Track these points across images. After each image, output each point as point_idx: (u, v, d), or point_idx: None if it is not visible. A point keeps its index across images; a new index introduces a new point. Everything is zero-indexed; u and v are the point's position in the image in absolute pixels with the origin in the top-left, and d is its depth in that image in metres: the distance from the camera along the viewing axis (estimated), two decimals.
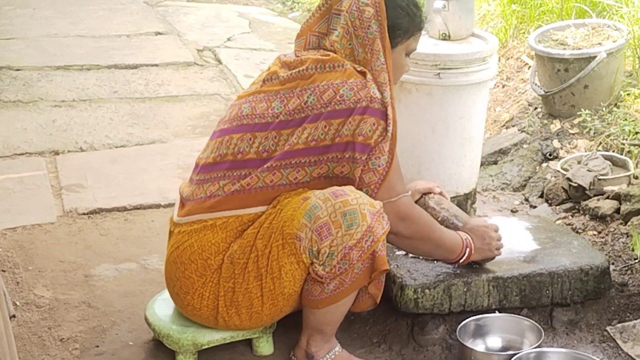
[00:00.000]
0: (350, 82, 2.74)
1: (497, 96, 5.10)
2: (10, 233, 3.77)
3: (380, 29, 2.79)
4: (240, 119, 2.83)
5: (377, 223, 2.70)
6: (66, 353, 3.01)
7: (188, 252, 2.79)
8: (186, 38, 6.59)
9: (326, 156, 2.74)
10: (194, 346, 2.89)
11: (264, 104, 2.80)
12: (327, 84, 2.75)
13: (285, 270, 2.73)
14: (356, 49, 2.80)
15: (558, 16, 5.26)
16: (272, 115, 2.77)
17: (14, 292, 3.32)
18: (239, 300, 2.78)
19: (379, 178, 2.76)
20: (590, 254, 3.11)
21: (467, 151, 3.64)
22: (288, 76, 2.81)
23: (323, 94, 2.74)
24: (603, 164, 3.93)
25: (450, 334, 3.00)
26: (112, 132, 4.83)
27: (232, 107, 2.91)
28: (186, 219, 2.82)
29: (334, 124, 2.73)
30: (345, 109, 2.72)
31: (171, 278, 2.86)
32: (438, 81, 3.49)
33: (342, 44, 2.82)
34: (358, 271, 2.72)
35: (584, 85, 4.49)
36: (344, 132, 2.72)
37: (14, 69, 5.75)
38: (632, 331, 3.02)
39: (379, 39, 2.79)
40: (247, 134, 2.79)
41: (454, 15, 3.60)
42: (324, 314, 2.79)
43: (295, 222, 2.69)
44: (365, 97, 2.73)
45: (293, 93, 2.77)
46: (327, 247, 2.68)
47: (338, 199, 2.68)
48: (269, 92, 2.82)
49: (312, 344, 2.85)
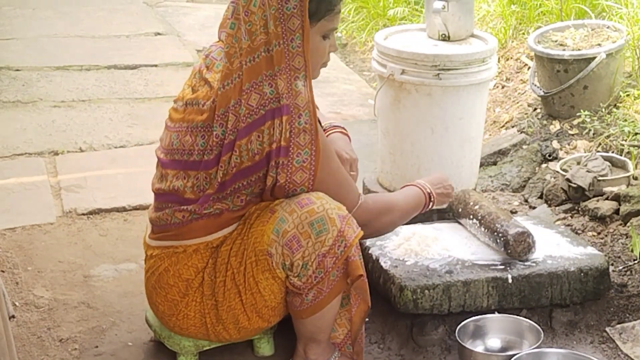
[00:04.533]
0: (242, 99, 2.62)
1: (496, 97, 5.10)
2: (10, 233, 3.77)
3: (301, 7, 2.60)
4: (172, 153, 2.76)
5: (347, 227, 2.67)
6: (65, 353, 3.01)
7: (165, 276, 2.77)
8: (186, 38, 6.59)
9: (255, 175, 2.66)
10: (195, 347, 2.89)
11: (189, 137, 2.72)
12: (226, 109, 2.65)
13: (262, 285, 2.71)
14: (244, 34, 2.62)
15: (557, 17, 5.25)
16: (197, 152, 2.69)
17: (13, 293, 3.32)
18: (223, 317, 2.76)
19: (310, 174, 2.67)
20: (590, 255, 3.11)
21: (466, 152, 3.64)
22: (203, 105, 2.70)
23: (227, 122, 2.65)
24: (602, 165, 3.93)
25: (450, 334, 3.00)
26: (111, 133, 4.83)
27: (165, 131, 2.83)
28: (157, 243, 2.80)
29: (242, 145, 2.63)
30: (244, 126, 2.62)
31: (154, 303, 2.85)
32: (437, 82, 3.49)
33: (237, 37, 2.66)
34: (334, 278, 2.70)
35: (584, 86, 4.48)
36: (258, 147, 2.63)
37: (14, 69, 5.74)
38: (632, 332, 3.02)
39: (297, 17, 2.60)
40: (181, 172, 2.73)
41: (453, 16, 3.60)
42: (311, 323, 2.77)
43: (265, 238, 2.66)
44: (259, 104, 2.61)
45: (210, 128, 2.67)
46: (300, 259, 2.65)
47: (304, 209, 2.64)
48: (191, 122, 2.72)
49: (310, 352, 2.85)
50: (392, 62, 3.54)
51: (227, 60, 2.68)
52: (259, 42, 2.63)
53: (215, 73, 2.72)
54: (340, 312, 2.86)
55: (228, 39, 2.69)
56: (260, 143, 2.63)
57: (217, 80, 2.70)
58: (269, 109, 2.62)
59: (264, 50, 2.63)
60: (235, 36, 2.68)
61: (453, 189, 3.12)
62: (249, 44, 2.64)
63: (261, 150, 2.63)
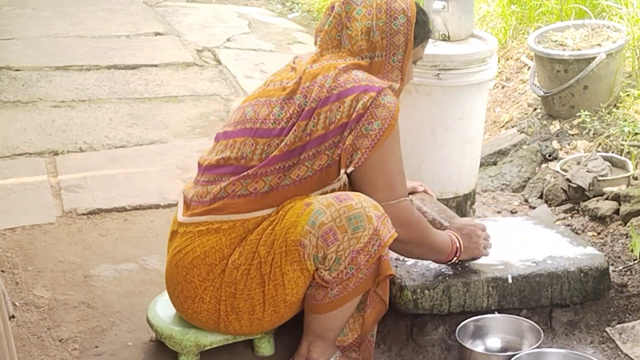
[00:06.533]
0: (330, 74, 2.73)
1: (496, 97, 5.10)
2: (10, 233, 3.77)
3: (408, 26, 2.80)
4: (244, 122, 2.83)
5: (382, 226, 2.68)
6: (65, 353, 3.01)
7: (190, 256, 2.78)
8: (186, 38, 6.59)
9: (324, 145, 2.72)
10: (197, 347, 2.89)
11: (265, 109, 2.81)
12: (312, 83, 2.75)
13: (288, 277, 2.71)
14: (344, 40, 2.79)
15: (557, 17, 5.26)
16: (273, 121, 2.77)
17: (13, 293, 3.32)
18: (240, 306, 2.76)
19: (370, 143, 2.71)
20: (590, 255, 3.11)
21: (466, 152, 3.64)
22: (287, 83, 2.81)
23: (311, 93, 2.74)
24: (602, 165, 3.93)
25: (450, 334, 3.00)
26: (111, 133, 4.83)
27: (237, 110, 2.92)
28: (192, 219, 2.80)
29: (322, 113, 2.72)
30: (328, 96, 2.72)
31: (172, 281, 2.85)
32: (437, 82, 3.49)
33: (331, 35, 2.83)
34: (363, 276, 2.71)
35: (584, 86, 4.49)
36: (336, 116, 2.71)
37: (14, 69, 5.74)
38: (632, 332, 3.02)
39: (402, 35, 2.79)
40: (249, 138, 2.78)
41: (453, 16, 3.60)
42: (327, 320, 2.77)
43: (299, 229, 2.67)
44: (346, 80, 2.72)
45: (291, 100, 2.77)
46: (334, 252, 2.66)
47: (342, 204, 2.67)
48: (271, 96, 2.82)
49: (314, 350, 2.84)
50: None
51: (318, 50, 2.85)
52: (359, 48, 2.80)
53: (302, 64, 2.85)
54: (355, 316, 2.86)
55: (323, 35, 2.85)
56: (340, 113, 2.71)
57: (304, 65, 2.83)
58: (357, 85, 2.72)
59: (366, 57, 2.81)
60: (329, 34, 2.84)
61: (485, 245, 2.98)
62: (349, 48, 2.81)
63: (337, 120, 2.71)
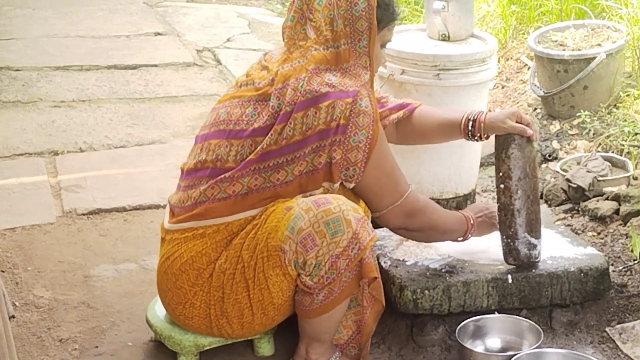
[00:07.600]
0: (302, 77, 2.72)
1: (496, 97, 5.10)
2: (10, 233, 3.77)
3: (369, 10, 2.75)
4: (218, 124, 2.83)
5: (362, 229, 2.67)
6: (65, 353, 3.01)
7: (178, 262, 2.78)
8: (186, 38, 6.59)
9: (302, 151, 2.71)
10: (196, 347, 2.89)
11: (238, 109, 2.80)
12: (284, 85, 2.74)
13: (272, 281, 2.72)
14: (309, 32, 2.77)
15: (557, 17, 5.26)
16: (246, 122, 2.76)
17: (13, 293, 3.32)
18: (229, 311, 2.77)
19: (363, 155, 2.72)
20: (590, 255, 3.11)
21: (466, 152, 3.64)
22: (259, 84, 2.80)
23: (284, 95, 2.73)
24: (602, 165, 3.93)
25: (450, 334, 3.00)
26: (111, 133, 4.83)
27: (212, 112, 2.91)
28: (178, 226, 2.81)
29: (298, 117, 2.70)
30: (303, 100, 2.70)
31: (163, 289, 2.86)
32: (437, 82, 3.49)
33: (296, 29, 2.81)
34: (346, 279, 2.70)
35: (584, 86, 4.49)
36: (313, 122, 2.69)
37: (14, 69, 5.74)
38: (632, 332, 3.02)
39: (364, 20, 2.75)
40: (224, 140, 2.78)
41: (453, 16, 3.60)
42: (318, 323, 2.78)
43: (279, 234, 2.67)
44: (320, 84, 2.70)
45: (264, 101, 2.76)
46: (314, 257, 2.66)
47: (320, 208, 2.66)
48: (243, 97, 2.81)
49: (312, 352, 2.85)
50: (392, 62, 3.54)
51: (286, 49, 2.82)
52: (325, 38, 2.76)
53: (274, 63, 2.82)
54: (347, 314, 2.86)
55: (288, 31, 2.83)
56: (316, 119, 2.70)
57: (275, 64, 2.80)
58: (332, 91, 2.70)
59: (332, 47, 2.76)
60: (294, 29, 2.82)
61: (496, 219, 3.03)
62: (314, 38, 2.77)
63: (314, 126, 2.70)
